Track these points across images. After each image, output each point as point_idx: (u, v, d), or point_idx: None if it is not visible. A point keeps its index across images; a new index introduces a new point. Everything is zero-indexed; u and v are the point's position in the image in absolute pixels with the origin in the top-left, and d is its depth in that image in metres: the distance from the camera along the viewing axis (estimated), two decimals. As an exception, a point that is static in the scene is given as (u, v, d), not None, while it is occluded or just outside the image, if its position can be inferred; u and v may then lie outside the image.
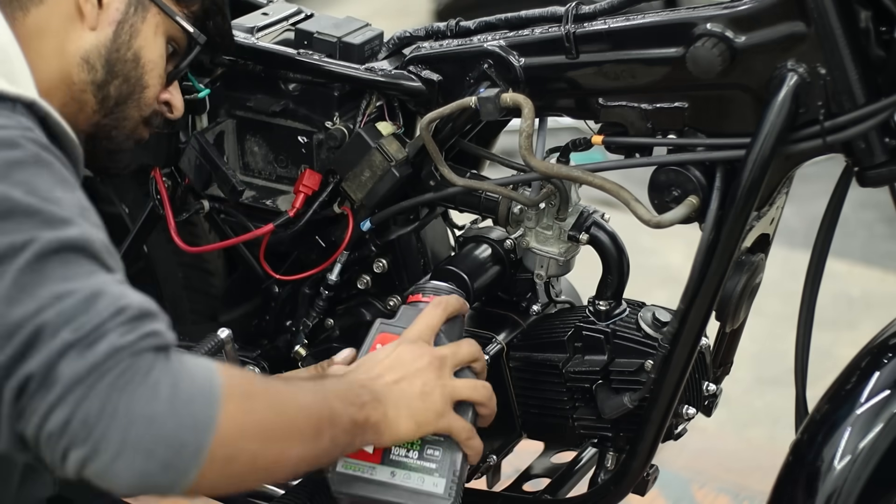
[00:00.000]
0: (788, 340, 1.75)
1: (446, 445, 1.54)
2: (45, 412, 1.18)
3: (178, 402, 1.20)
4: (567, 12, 1.62)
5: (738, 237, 1.55)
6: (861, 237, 3.61)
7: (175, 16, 1.58)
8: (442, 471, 1.53)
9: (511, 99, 1.62)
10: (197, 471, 1.20)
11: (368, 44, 1.78)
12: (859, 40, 1.47)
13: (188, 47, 1.62)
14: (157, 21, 1.56)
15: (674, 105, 1.59)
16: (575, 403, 1.74)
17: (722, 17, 1.52)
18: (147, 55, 1.55)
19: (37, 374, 1.18)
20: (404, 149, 1.75)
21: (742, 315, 1.69)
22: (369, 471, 1.54)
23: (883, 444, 1.55)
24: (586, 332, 1.71)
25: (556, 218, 1.71)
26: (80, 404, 1.17)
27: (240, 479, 1.27)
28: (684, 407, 1.70)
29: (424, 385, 1.49)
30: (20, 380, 1.18)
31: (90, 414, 1.17)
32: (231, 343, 1.69)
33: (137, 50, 1.54)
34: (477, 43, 1.69)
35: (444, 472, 1.53)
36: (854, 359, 1.65)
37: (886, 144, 1.51)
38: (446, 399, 1.51)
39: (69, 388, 1.17)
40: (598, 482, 1.78)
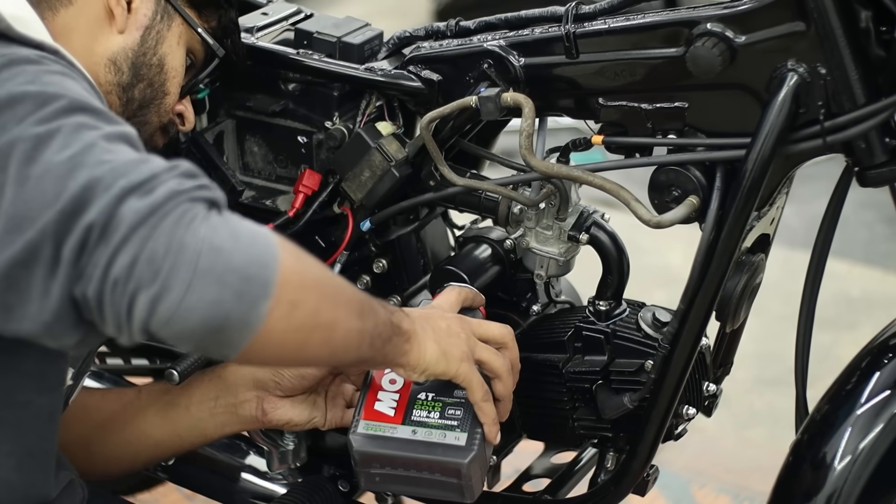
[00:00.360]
0: (788, 340, 1.75)
1: (467, 406, 1.55)
2: (108, 259, 1.18)
3: (241, 241, 1.21)
4: (567, 12, 1.62)
5: (739, 237, 1.55)
6: (861, 237, 3.60)
7: (197, 27, 1.61)
8: (464, 427, 1.54)
9: (512, 98, 1.62)
10: (267, 305, 1.20)
11: (368, 44, 1.78)
12: (859, 40, 1.47)
13: (205, 60, 1.66)
14: (181, 31, 1.60)
15: (674, 105, 1.59)
16: (575, 404, 1.74)
17: (722, 16, 1.52)
18: (170, 62, 1.59)
19: (97, 222, 1.18)
20: (404, 149, 1.75)
21: (742, 315, 1.68)
22: (391, 430, 1.55)
23: (883, 444, 1.55)
24: (586, 332, 1.71)
25: (556, 218, 1.71)
26: (145, 244, 1.18)
27: (304, 335, 1.27)
28: (684, 407, 1.70)
29: (450, 326, 1.51)
30: (81, 233, 1.18)
31: (156, 251, 1.17)
32: (231, 343, 1.69)
33: (162, 56, 1.58)
34: (477, 43, 1.69)
35: (465, 428, 1.54)
36: (854, 359, 1.65)
37: (887, 144, 1.51)
38: (470, 348, 1.51)
39: (133, 229, 1.18)
40: (598, 482, 1.77)
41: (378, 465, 1.55)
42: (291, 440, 1.79)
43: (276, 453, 1.78)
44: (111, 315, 1.19)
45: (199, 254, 1.18)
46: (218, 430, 1.68)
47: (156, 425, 1.69)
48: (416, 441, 1.54)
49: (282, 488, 1.82)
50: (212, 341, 1.21)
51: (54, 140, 1.23)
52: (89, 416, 1.69)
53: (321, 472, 1.85)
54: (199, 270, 1.18)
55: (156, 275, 1.17)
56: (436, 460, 1.53)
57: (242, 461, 1.88)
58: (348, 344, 1.34)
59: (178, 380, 1.63)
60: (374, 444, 1.54)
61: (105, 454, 1.69)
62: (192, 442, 1.69)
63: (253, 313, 1.20)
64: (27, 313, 1.22)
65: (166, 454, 1.73)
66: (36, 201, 1.21)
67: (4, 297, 1.22)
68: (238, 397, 1.66)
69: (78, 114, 1.25)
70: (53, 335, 1.23)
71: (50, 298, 1.20)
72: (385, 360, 1.43)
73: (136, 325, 1.19)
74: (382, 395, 1.59)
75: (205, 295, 1.18)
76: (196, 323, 1.18)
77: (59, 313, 1.21)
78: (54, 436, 1.45)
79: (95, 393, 1.79)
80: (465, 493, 1.55)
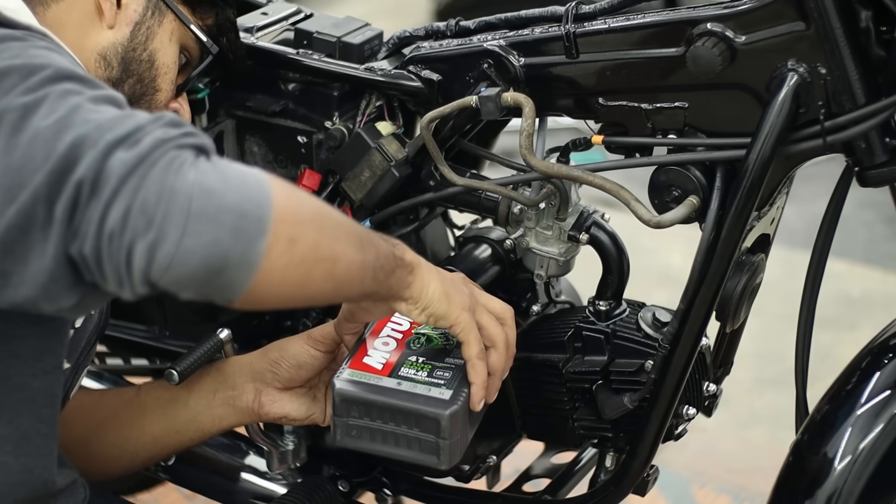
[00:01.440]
0: (788, 340, 1.75)
1: (456, 372, 1.53)
2: (101, 213, 1.18)
3: (232, 182, 1.21)
4: (567, 12, 1.62)
5: (739, 237, 1.55)
6: (861, 237, 3.60)
7: (190, 23, 1.62)
8: (450, 386, 1.52)
9: (512, 98, 1.62)
10: (264, 242, 1.20)
11: (368, 43, 1.78)
12: (860, 40, 1.47)
13: (200, 58, 1.66)
14: (173, 28, 1.61)
15: (674, 105, 1.59)
16: (575, 404, 1.74)
17: (722, 16, 1.52)
18: (161, 58, 1.60)
19: (87, 178, 1.19)
20: (404, 149, 1.75)
21: (742, 315, 1.68)
22: (375, 380, 1.53)
23: (883, 444, 1.55)
24: (586, 332, 1.71)
25: (556, 218, 1.71)
26: (136, 194, 1.18)
27: (306, 270, 1.26)
28: (685, 407, 1.70)
29: (454, 279, 1.51)
30: (71, 190, 1.19)
31: (148, 200, 1.18)
32: (231, 343, 1.69)
33: (152, 52, 1.58)
34: (477, 43, 1.69)
35: (451, 387, 1.52)
36: (854, 359, 1.65)
37: (887, 144, 1.51)
38: (473, 303, 1.50)
39: (122, 181, 1.18)
40: (598, 483, 1.77)
41: (357, 414, 1.52)
42: (291, 440, 1.78)
43: (276, 453, 1.78)
44: (110, 270, 1.20)
45: (190, 197, 1.18)
46: (216, 423, 1.67)
47: (154, 421, 1.69)
48: (399, 390, 1.51)
49: (282, 488, 1.82)
50: (213, 285, 1.21)
51: (41, 107, 1.23)
52: (88, 416, 1.69)
53: (321, 472, 1.85)
54: (193, 213, 1.18)
55: (150, 222, 1.17)
56: (416, 409, 1.50)
57: (242, 461, 1.88)
58: (351, 276, 1.33)
59: (178, 380, 1.63)
60: (357, 388, 1.52)
61: (104, 453, 1.69)
62: (190, 437, 1.69)
63: (251, 251, 1.20)
64: (24, 278, 1.22)
65: (165, 451, 1.72)
66: (26, 167, 1.21)
67: (1, 265, 1.23)
68: (236, 389, 1.66)
69: (64, 81, 1.26)
70: (50, 297, 1.23)
71: (45, 259, 1.21)
72: (389, 292, 1.42)
73: (137, 275, 1.19)
74: (373, 353, 1.57)
75: (201, 236, 1.18)
76: (196, 265, 1.18)
77: (54, 273, 1.21)
78: (53, 420, 1.45)
79: (94, 393, 1.79)
80: (441, 453, 1.51)
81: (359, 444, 1.54)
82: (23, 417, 1.41)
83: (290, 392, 1.65)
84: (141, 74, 1.58)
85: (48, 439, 1.44)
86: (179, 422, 1.68)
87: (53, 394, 1.44)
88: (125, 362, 2.08)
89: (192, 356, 1.66)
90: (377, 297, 1.43)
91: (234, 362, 1.67)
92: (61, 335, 1.43)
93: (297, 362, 1.64)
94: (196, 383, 1.67)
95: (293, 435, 1.79)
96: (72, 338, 1.48)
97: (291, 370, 1.64)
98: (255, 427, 1.73)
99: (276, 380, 1.64)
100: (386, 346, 1.58)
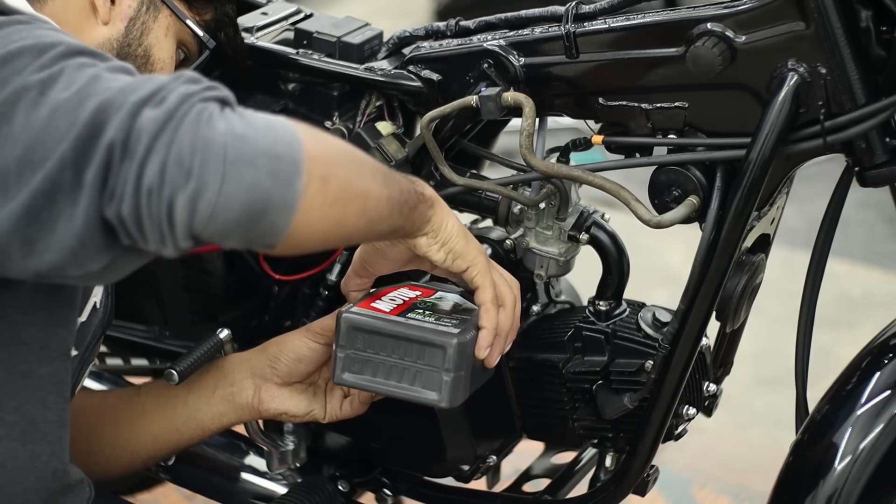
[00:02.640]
0: (788, 340, 1.75)
1: (464, 320, 1.52)
2: (137, 172, 1.19)
3: (259, 127, 1.23)
4: (567, 12, 1.62)
5: (739, 237, 1.55)
6: (861, 237, 3.60)
7: (185, 18, 1.62)
8: (459, 326, 1.51)
9: (512, 98, 1.62)
10: (301, 181, 1.22)
11: (368, 43, 1.78)
12: (860, 40, 1.47)
13: (198, 53, 1.66)
14: (169, 23, 1.61)
15: (674, 105, 1.59)
16: (575, 404, 1.74)
17: (722, 16, 1.52)
18: (157, 53, 1.60)
19: (117, 139, 1.20)
20: (404, 149, 1.75)
21: (742, 315, 1.68)
22: (383, 315, 1.53)
23: (883, 444, 1.55)
24: (586, 332, 1.71)
25: (556, 218, 1.71)
26: (170, 148, 1.19)
27: (341, 208, 1.28)
28: (685, 407, 1.70)
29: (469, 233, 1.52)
30: (102, 154, 1.20)
31: (183, 152, 1.19)
32: (231, 343, 1.69)
33: (148, 47, 1.58)
34: (477, 43, 1.69)
35: (460, 326, 1.51)
36: (854, 359, 1.65)
37: (887, 144, 1.51)
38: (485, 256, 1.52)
39: (155, 137, 1.19)
40: (598, 483, 1.77)
41: (361, 346, 1.51)
42: (291, 440, 1.79)
43: (276, 453, 1.78)
44: (152, 228, 1.20)
45: (224, 145, 1.20)
46: (216, 420, 1.67)
47: (154, 420, 1.69)
48: (407, 322, 1.51)
49: (282, 488, 1.82)
50: (257, 229, 1.22)
51: (58, 81, 1.24)
52: (89, 416, 1.69)
53: (321, 472, 1.85)
54: (230, 160, 1.19)
55: (189, 174, 1.18)
56: (423, 337, 1.49)
57: (242, 461, 1.88)
58: (381, 212, 1.36)
59: (178, 379, 1.63)
60: (365, 318, 1.51)
61: (105, 452, 1.69)
62: (190, 435, 1.69)
63: (290, 191, 1.22)
64: (50, 244, 1.22)
65: (165, 450, 1.72)
66: (50, 138, 1.22)
67: (25, 232, 1.22)
68: (235, 386, 1.66)
69: (77, 56, 1.27)
70: (79, 261, 1.23)
71: (74, 224, 1.21)
72: (413, 227, 1.44)
73: (180, 229, 1.20)
74: (381, 301, 1.56)
75: (241, 181, 1.19)
76: (238, 211, 1.20)
77: (84, 237, 1.21)
78: (61, 408, 1.44)
79: (95, 393, 1.79)
80: (442, 387, 1.49)
81: (358, 381, 1.53)
82: (29, 404, 1.41)
83: (289, 388, 1.65)
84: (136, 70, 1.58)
85: (55, 426, 1.44)
86: (179, 420, 1.68)
87: (60, 381, 1.43)
88: (125, 362, 2.08)
89: (191, 356, 1.66)
90: (403, 232, 1.45)
91: (234, 359, 1.68)
92: (68, 322, 1.43)
93: (296, 356, 1.64)
94: (195, 381, 1.67)
95: (293, 435, 1.79)
96: (78, 330, 1.48)
97: (290, 364, 1.64)
98: (254, 427, 1.73)
99: (276, 375, 1.64)
100: (394, 301, 1.58)
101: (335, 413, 1.67)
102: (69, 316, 1.43)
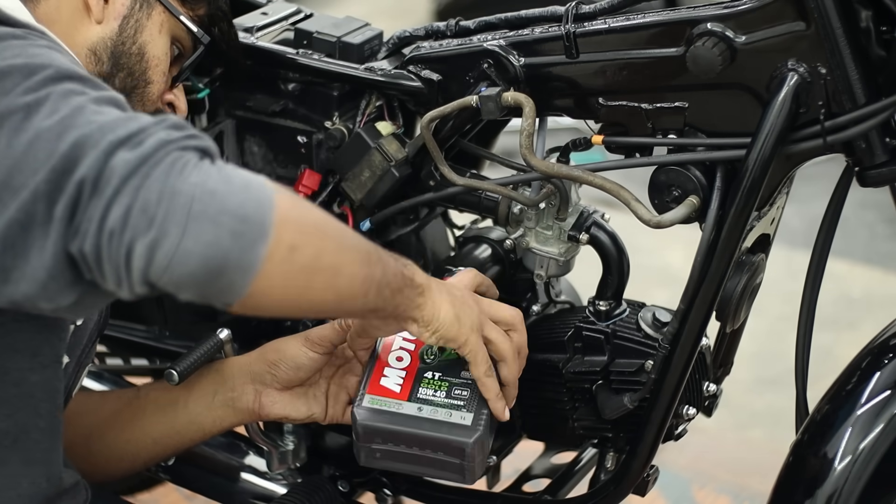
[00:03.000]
0: (788, 340, 1.75)
1: (474, 388, 1.55)
2: (102, 212, 1.18)
3: (234, 185, 1.21)
4: (567, 12, 1.62)
5: (739, 237, 1.55)
6: (862, 237, 3.60)
7: (179, 14, 1.62)
8: (469, 407, 1.55)
9: (512, 98, 1.62)
10: (265, 246, 1.20)
11: (368, 43, 1.78)
12: (860, 40, 1.47)
13: (193, 48, 1.66)
14: (162, 19, 1.60)
15: (674, 105, 1.59)
16: (575, 404, 1.74)
17: (722, 16, 1.52)
18: (151, 51, 1.59)
19: (88, 177, 1.19)
20: (404, 149, 1.74)
21: (742, 315, 1.68)
22: (396, 406, 1.55)
23: (883, 444, 1.55)
24: (586, 332, 1.71)
25: (556, 218, 1.71)
26: (137, 193, 1.18)
27: (306, 279, 1.26)
28: (685, 407, 1.70)
29: (464, 297, 1.51)
30: (73, 189, 1.19)
31: (150, 200, 1.18)
32: (230, 343, 1.69)
33: (142, 45, 1.58)
34: (477, 42, 1.69)
35: (471, 409, 1.55)
36: (854, 359, 1.65)
37: (887, 144, 1.51)
38: (481, 322, 1.52)
39: (124, 180, 1.19)
40: (598, 483, 1.77)
41: (380, 441, 1.55)
42: (291, 440, 1.79)
43: (276, 453, 1.78)
44: (110, 268, 1.20)
45: (192, 198, 1.19)
46: (216, 424, 1.67)
47: (154, 423, 1.69)
48: (421, 418, 1.54)
49: (282, 488, 1.82)
50: (213, 287, 1.21)
51: (43, 107, 1.24)
52: (89, 418, 1.69)
53: (321, 472, 1.85)
54: (194, 213, 1.18)
55: (151, 222, 1.18)
56: (440, 438, 1.53)
57: (242, 461, 1.88)
58: (354, 290, 1.33)
59: (178, 380, 1.63)
60: (379, 418, 1.54)
61: (105, 454, 1.69)
62: (190, 438, 1.69)
63: (251, 254, 1.20)
64: (25, 273, 1.22)
65: (165, 452, 1.72)
66: (28, 166, 1.22)
67: (2, 260, 1.23)
68: (235, 391, 1.66)
69: (66, 81, 1.26)
70: (49, 295, 1.23)
71: (44, 256, 1.21)
72: (396, 310, 1.43)
73: (136, 275, 1.19)
74: (388, 372, 1.58)
75: (201, 237, 1.18)
76: (195, 266, 1.18)
77: (53, 271, 1.21)
78: (53, 415, 1.45)
79: (95, 395, 1.79)
80: (466, 473, 1.55)
81: (383, 465, 1.58)
82: (21, 412, 1.41)
83: (289, 392, 1.66)
84: (131, 68, 1.58)
85: (47, 434, 1.44)
86: (179, 423, 1.68)
87: (52, 388, 1.44)
88: (125, 362, 2.08)
89: (191, 356, 1.66)
90: (383, 313, 1.43)
91: (233, 364, 1.67)
92: (60, 329, 1.43)
93: (296, 364, 1.64)
94: (195, 385, 1.67)
95: (293, 435, 1.79)
96: (73, 335, 1.48)
97: (290, 372, 1.64)
98: (254, 427, 1.73)
99: (276, 381, 1.64)
100: (400, 361, 1.60)
101: (337, 416, 1.67)
102: (62, 323, 1.43)
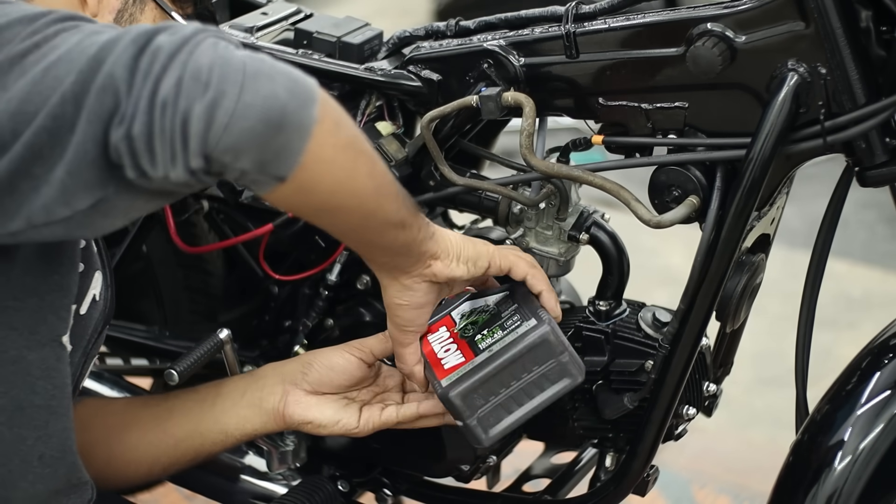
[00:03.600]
0: (789, 340, 1.75)
1: (514, 309, 1.55)
2: (153, 87, 1.18)
3: (277, 63, 1.23)
4: (567, 12, 1.62)
5: (739, 237, 1.55)
6: (862, 237, 3.61)
7: (170, 10, 1.62)
8: (527, 316, 1.53)
9: (513, 98, 1.62)
10: (316, 108, 1.22)
11: (368, 43, 1.78)
12: (860, 40, 1.47)
13: None
14: (155, 15, 1.61)
15: (674, 105, 1.59)
16: (575, 404, 1.74)
17: (722, 16, 1.52)
18: None
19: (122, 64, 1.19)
20: (404, 149, 1.75)
21: (742, 315, 1.68)
22: (470, 365, 1.52)
23: (883, 444, 1.55)
24: (586, 332, 1.71)
25: (556, 218, 1.71)
26: (187, 64, 1.19)
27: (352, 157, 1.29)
28: (685, 407, 1.70)
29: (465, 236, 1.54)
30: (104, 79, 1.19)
31: (201, 68, 1.19)
32: (231, 343, 1.69)
33: None
34: (477, 42, 1.69)
35: (529, 317, 1.53)
36: (854, 359, 1.65)
37: (887, 144, 1.51)
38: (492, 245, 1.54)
39: (171, 56, 1.19)
40: (598, 483, 1.77)
41: (481, 401, 1.51)
42: (291, 440, 1.78)
43: (276, 453, 1.78)
44: (163, 145, 1.19)
45: (244, 62, 1.20)
46: (240, 425, 1.64)
47: (179, 423, 1.66)
48: (496, 352, 1.52)
49: (282, 488, 1.82)
50: (271, 147, 1.21)
51: (57, 38, 1.24)
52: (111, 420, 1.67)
53: (321, 472, 1.85)
54: (249, 72, 1.20)
55: (207, 86, 1.18)
56: (521, 350, 1.50)
57: (242, 461, 1.88)
58: (388, 184, 1.36)
59: (178, 379, 1.63)
60: (466, 381, 1.51)
61: (126, 458, 1.67)
62: (212, 440, 1.65)
63: (305, 113, 1.22)
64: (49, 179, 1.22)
65: (186, 456, 1.68)
66: (56, 80, 1.21)
67: (32, 170, 1.22)
68: (264, 390, 1.63)
69: (72, 20, 1.27)
70: (66, 198, 1.22)
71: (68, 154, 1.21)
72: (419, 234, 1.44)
73: (194, 143, 1.19)
74: (444, 356, 1.56)
75: (260, 90, 1.19)
76: (255, 120, 1.19)
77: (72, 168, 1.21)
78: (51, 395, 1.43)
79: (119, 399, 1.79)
80: (570, 368, 1.50)
81: (502, 427, 1.53)
82: (17, 389, 1.41)
83: (318, 396, 1.63)
84: None
85: (42, 411, 1.43)
86: (204, 424, 1.65)
87: (50, 367, 1.43)
88: (125, 362, 2.07)
89: (191, 356, 1.66)
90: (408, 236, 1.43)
91: (269, 366, 1.67)
92: (59, 308, 1.42)
93: (329, 363, 1.62)
94: (226, 384, 1.66)
95: (293, 435, 1.79)
96: (76, 323, 1.47)
97: (321, 370, 1.62)
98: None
99: (305, 381, 1.62)
100: (446, 348, 1.57)
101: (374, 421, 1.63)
102: (61, 302, 1.42)
